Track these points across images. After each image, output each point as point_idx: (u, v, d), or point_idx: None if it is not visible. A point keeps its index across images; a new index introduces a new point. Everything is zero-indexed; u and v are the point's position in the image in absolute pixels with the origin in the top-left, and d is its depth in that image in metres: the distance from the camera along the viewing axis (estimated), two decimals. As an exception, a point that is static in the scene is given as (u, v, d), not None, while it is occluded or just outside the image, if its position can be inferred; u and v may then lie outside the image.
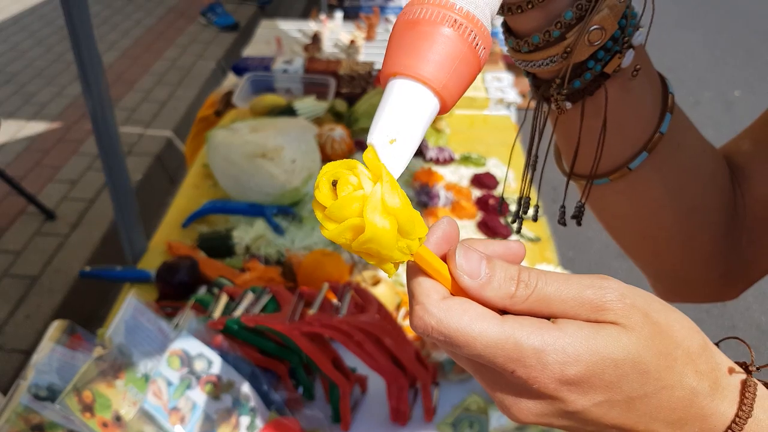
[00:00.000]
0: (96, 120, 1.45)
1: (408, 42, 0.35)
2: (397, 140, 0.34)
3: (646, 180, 0.55)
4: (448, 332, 0.34)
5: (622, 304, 0.35)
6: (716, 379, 0.37)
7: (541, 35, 0.47)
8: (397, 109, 0.34)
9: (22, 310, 2.39)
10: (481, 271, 0.36)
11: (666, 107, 0.53)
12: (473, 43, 0.35)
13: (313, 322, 1.05)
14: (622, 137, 0.53)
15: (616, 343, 0.34)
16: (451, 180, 1.80)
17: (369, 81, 2.20)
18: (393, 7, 3.19)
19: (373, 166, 0.34)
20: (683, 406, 0.36)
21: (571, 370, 0.34)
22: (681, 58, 4.95)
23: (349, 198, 0.33)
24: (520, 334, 0.34)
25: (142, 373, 0.99)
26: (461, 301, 0.35)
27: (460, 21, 0.35)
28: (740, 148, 0.61)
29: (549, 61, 0.48)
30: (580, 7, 0.45)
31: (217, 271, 1.40)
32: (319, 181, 0.34)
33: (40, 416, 0.92)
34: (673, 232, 0.58)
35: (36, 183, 3.06)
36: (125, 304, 1.02)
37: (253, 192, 1.62)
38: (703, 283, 0.64)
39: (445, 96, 0.35)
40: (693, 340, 0.37)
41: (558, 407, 0.36)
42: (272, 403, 1.07)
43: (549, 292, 0.36)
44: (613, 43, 0.48)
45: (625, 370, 0.35)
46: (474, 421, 1.13)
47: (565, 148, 0.57)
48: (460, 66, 0.35)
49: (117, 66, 4.31)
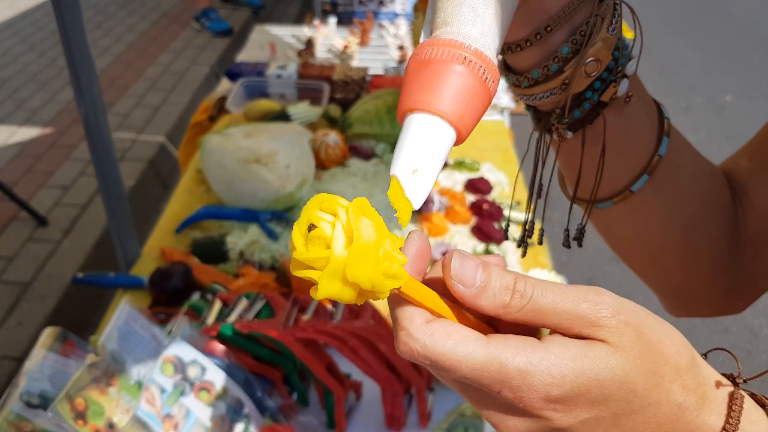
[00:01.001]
0: (89, 125, 1.45)
1: (422, 80, 0.37)
2: (418, 171, 0.36)
3: (648, 201, 0.57)
4: (434, 357, 0.35)
5: (615, 321, 0.36)
6: (703, 393, 0.38)
7: (540, 70, 0.50)
8: (417, 141, 0.36)
9: (14, 317, 2.37)
10: (476, 279, 0.36)
11: (662, 131, 0.56)
12: (483, 77, 0.37)
13: (307, 327, 1.05)
14: (623, 162, 0.55)
15: (603, 364, 0.35)
16: (445, 185, 1.81)
17: (363, 86, 2.20)
18: (386, 13, 3.20)
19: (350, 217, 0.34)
20: (670, 421, 0.37)
21: (556, 391, 0.35)
22: (673, 62, 4.97)
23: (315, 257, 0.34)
24: (506, 355, 0.35)
25: (135, 380, 0.98)
26: (445, 325, 0.36)
27: (470, 58, 0.37)
28: (738, 165, 0.63)
29: (549, 94, 0.51)
30: (575, 41, 0.48)
31: (210, 277, 1.40)
32: (294, 232, 0.35)
33: (32, 424, 0.91)
34: (677, 250, 0.60)
35: (28, 188, 3.05)
36: (118, 310, 1.02)
37: (247, 197, 1.62)
38: (709, 298, 0.65)
39: (461, 127, 0.37)
40: (682, 356, 0.38)
41: (544, 425, 0.36)
42: (266, 409, 1.07)
43: (544, 303, 0.36)
44: (608, 74, 0.50)
45: (611, 390, 0.35)
46: (469, 426, 1.13)
47: (568, 174, 0.59)
48: (472, 99, 0.37)
49: (110, 71, 4.30)
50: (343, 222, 0.34)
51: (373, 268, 0.34)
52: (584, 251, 3.00)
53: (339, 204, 0.34)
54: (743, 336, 2.62)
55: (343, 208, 0.34)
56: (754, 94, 4.52)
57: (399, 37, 2.82)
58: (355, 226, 0.34)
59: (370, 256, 0.34)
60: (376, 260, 0.34)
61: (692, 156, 0.59)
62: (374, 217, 0.35)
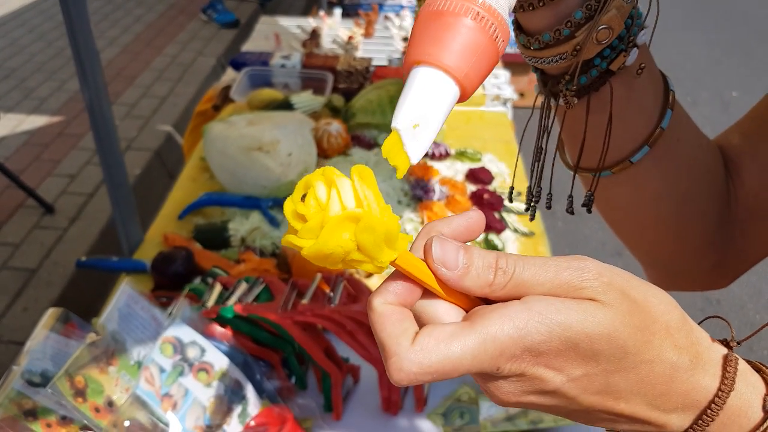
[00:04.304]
0: (93, 114, 1.46)
1: (431, 32, 0.36)
2: (420, 125, 0.35)
3: (646, 173, 0.57)
4: (433, 368, 0.34)
5: (599, 282, 0.36)
6: (697, 353, 0.38)
7: (552, 33, 0.49)
8: (420, 96, 0.36)
9: (20, 303, 2.40)
10: (459, 262, 0.36)
11: (667, 104, 0.55)
12: (493, 34, 0.37)
13: (306, 311, 1.06)
14: (625, 132, 0.55)
15: (590, 318, 0.35)
16: (446, 174, 1.81)
17: (366, 77, 2.21)
18: (391, 5, 3.20)
19: (367, 174, 0.34)
20: (664, 381, 0.37)
21: (545, 347, 0.35)
22: (679, 58, 4.95)
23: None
24: (493, 329, 0.34)
25: (134, 359, 1.00)
26: (428, 332, 0.35)
27: (482, 14, 0.36)
28: (731, 141, 0.63)
29: (558, 58, 0.50)
30: (590, 7, 0.47)
31: (212, 262, 1.41)
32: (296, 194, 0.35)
33: (33, 401, 0.93)
34: (669, 223, 0.60)
35: (35, 177, 3.07)
36: (119, 292, 1.03)
37: (249, 185, 1.63)
38: (696, 272, 0.65)
39: (466, 84, 0.36)
40: (671, 315, 0.37)
41: (538, 386, 0.36)
42: (264, 391, 1.08)
43: (526, 277, 0.36)
44: (619, 42, 0.50)
45: (601, 346, 0.35)
46: (465, 411, 1.14)
47: (570, 143, 0.59)
48: (480, 56, 0.36)
49: (117, 61, 4.31)
50: (341, 187, 0.34)
51: (379, 229, 0.33)
52: (586, 244, 3.00)
53: (339, 174, 0.34)
54: (745, 331, 2.60)
55: (342, 176, 0.34)
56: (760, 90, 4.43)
57: (404, 29, 2.82)
58: (362, 190, 0.34)
59: (374, 218, 0.33)
60: (381, 223, 0.34)
61: (692, 131, 0.59)
62: (374, 186, 0.35)
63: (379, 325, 0.35)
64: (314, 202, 0.34)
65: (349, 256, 0.34)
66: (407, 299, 0.37)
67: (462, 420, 1.13)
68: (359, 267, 0.35)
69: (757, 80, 4.64)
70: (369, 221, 0.33)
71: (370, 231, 0.33)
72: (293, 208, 0.34)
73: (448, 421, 1.13)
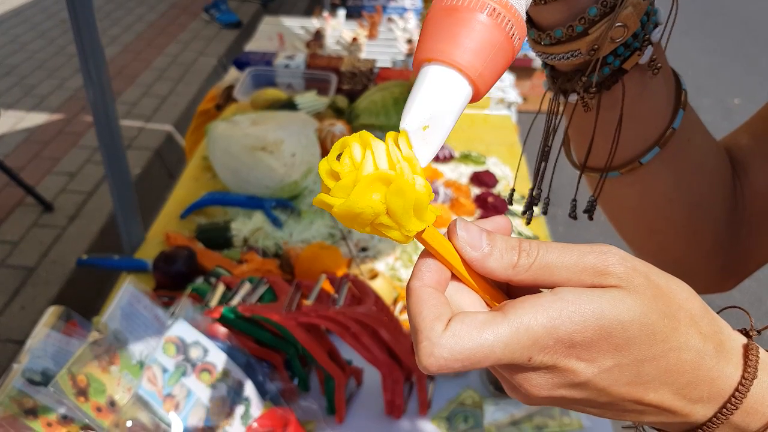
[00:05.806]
0: (97, 112, 1.45)
1: (444, 28, 0.34)
2: (429, 127, 0.34)
3: (656, 174, 0.56)
4: (464, 356, 0.33)
5: (623, 267, 0.35)
6: (720, 341, 0.37)
7: (564, 29, 0.47)
8: (431, 95, 0.34)
9: (18, 301, 2.38)
10: (482, 243, 0.36)
11: (679, 103, 0.54)
12: (509, 32, 0.35)
13: (310, 312, 1.05)
14: (636, 131, 0.54)
15: (621, 305, 0.34)
16: (450, 177, 1.81)
17: (370, 78, 2.20)
18: (395, 7, 3.20)
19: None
20: (691, 369, 0.36)
21: (579, 337, 0.34)
22: (681, 64, 4.88)
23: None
24: (527, 318, 0.34)
25: (137, 359, 0.99)
26: (461, 318, 0.34)
27: (499, 9, 0.34)
28: (739, 142, 0.62)
29: (570, 55, 0.49)
30: (605, 4, 0.46)
31: (214, 262, 1.40)
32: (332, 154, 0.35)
33: (34, 400, 0.91)
34: (679, 225, 0.59)
35: (35, 174, 3.05)
36: (121, 290, 1.02)
37: (252, 185, 1.62)
38: (703, 274, 0.64)
39: (480, 84, 0.34)
40: (694, 303, 0.37)
41: (569, 379, 0.35)
42: (267, 393, 1.07)
43: (551, 259, 0.35)
44: (633, 40, 0.49)
45: (633, 332, 0.34)
46: (469, 415, 1.13)
47: (578, 141, 0.57)
48: (495, 54, 0.34)
49: (118, 60, 4.30)
50: (376, 150, 0.33)
51: (410, 194, 0.33)
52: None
53: (374, 138, 0.34)
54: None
55: (378, 140, 0.34)
56: (763, 97, 4.46)
57: (408, 31, 2.82)
58: (395, 154, 0.33)
59: (405, 183, 0.33)
60: (412, 189, 0.33)
61: (703, 132, 0.58)
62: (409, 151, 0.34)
63: (416, 308, 0.35)
64: (349, 161, 0.34)
65: (378, 219, 0.34)
66: (441, 279, 0.36)
67: (466, 424, 1.12)
68: (386, 233, 0.35)
69: (760, 87, 4.65)
70: (400, 184, 0.33)
71: (400, 194, 0.33)
72: (328, 167, 0.34)
73: (452, 425, 1.12)
